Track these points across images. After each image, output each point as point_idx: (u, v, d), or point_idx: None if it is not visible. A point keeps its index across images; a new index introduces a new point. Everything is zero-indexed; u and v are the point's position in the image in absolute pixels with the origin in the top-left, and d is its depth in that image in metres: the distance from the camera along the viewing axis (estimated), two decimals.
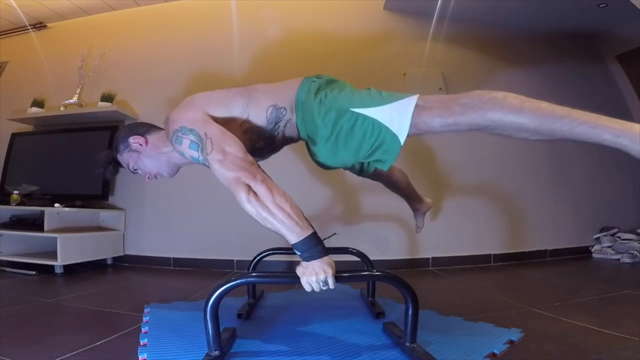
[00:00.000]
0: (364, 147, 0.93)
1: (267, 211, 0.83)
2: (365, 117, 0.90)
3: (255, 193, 0.83)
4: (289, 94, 1.02)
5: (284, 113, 1.01)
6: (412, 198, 1.54)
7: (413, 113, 0.86)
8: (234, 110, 1.01)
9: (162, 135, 1.10)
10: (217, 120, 0.97)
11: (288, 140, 1.09)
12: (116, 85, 2.63)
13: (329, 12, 2.66)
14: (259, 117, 1.01)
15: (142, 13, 2.82)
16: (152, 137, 1.11)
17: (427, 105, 0.87)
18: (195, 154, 0.92)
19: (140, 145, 1.09)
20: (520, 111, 0.78)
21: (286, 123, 1.03)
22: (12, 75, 2.96)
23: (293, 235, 0.83)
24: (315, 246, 0.84)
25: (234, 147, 0.89)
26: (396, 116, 0.88)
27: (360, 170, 1.26)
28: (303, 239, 0.84)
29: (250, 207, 0.83)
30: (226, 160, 0.87)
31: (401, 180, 1.46)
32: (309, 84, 1.01)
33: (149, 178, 1.16)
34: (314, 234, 0.86)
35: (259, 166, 0.91)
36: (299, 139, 1.08)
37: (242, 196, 0.83)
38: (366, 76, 2.41)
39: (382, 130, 0.89)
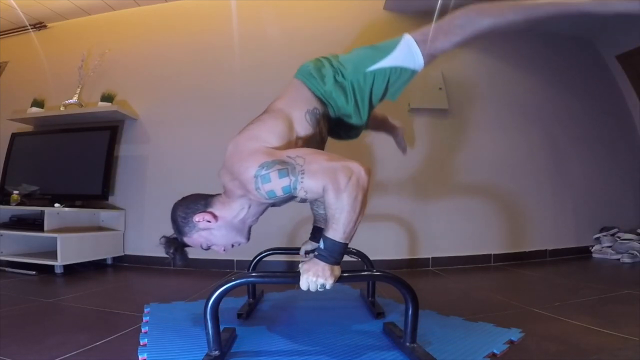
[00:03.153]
0: (392, 89, 1.09)
1: (353, 204, 0.81)
2: (383, 69, 1.05)
3: (359, 182, 0.82)
4: (305, 94, 1.06)
5: (317, 112, 1.05)
6: (391, 129, 1.61)
7: (420, 49, 1.04)
8: (282, 135, 0.96)
9: (222, 199, 1.02)
10: (280, 148, 0.93)
11: (326, 132, 1.14)
12: (116, 85, 2.63)
13: (329, 12, 2.66)
14: (304, 127, 1.01)
15: (142, 13, 2.82)
16: (217, 208, 1.01)
17: (429, 38, 1.04)
18: (286, 180, 0.84)
19: (209, 222, 0.99)
20: (507, 12, 0.97)
21: (322, 118, 1.08)
22: (12, 75, 2.96)
23: (337, 234, 0.83)
24: (338, 254, 0.85)
25: (334, 154, 0.89)
26: (409, 56, 1.05)
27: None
28: (338, 242, 0.83)
29: (352, 191, 0.81)
30: (330, 158, 0.85)
31: (385, 118, 1.55)
32: (310, 77, 1.06)
33: (225, 250, 1.07)
34: (347, 245, 0.86)
35: None
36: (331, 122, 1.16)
37: (345, 182, 0.81)
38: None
39: (402, 70, 1.06)
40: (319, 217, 1.39)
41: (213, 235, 1.01)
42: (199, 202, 1.03)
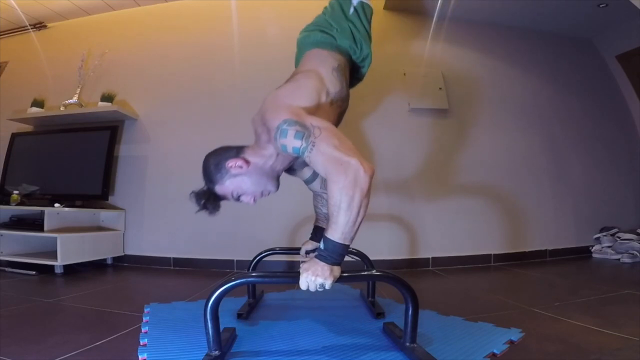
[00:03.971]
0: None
1: (349, 203, 0.82)
2: (356, 7, 1.28)
3: (356, 181, 0.82)
4: (326, 55, 1.17)
5: (341, 67, 1.17)
6: None
7: None
8: (314, 96, 1.05)
9: (253, 146, 1.08)
10: (310, 109, 1.00)
11: (348, 86, 1.22)
12: (116, 85, 2.63)
13: None
14: (333, 84, 1.11)
15: (142, 13, 2.82)
16: (248, 155, 1.06)
17: None
18: (298, 143, 0.89)
19: (241, 167, 1.04)
20: None
21: (346, 69, 1.20)
22: (12, 75, 2.95)
23: (337, 234, 0.84)
24: (339, 255, 0.86)
25: (347, 139, 0.91)
26: None
27: None
28: (339, 243, 0.84)
29: (349, 190, 0.82)
30: (340, 145, 0.87)
31: None
32: (323, 39, 1.21)
33: (254, 200, 1.09)
34: (348, 247, 0.87)
35: None
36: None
37: (343, 179, 0.82)
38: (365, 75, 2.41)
39: (365, 4, 1.30)
40: (321, 216, 1.39)
41: (244, 182, 1.05)
42: (231, 150, 1.09)
